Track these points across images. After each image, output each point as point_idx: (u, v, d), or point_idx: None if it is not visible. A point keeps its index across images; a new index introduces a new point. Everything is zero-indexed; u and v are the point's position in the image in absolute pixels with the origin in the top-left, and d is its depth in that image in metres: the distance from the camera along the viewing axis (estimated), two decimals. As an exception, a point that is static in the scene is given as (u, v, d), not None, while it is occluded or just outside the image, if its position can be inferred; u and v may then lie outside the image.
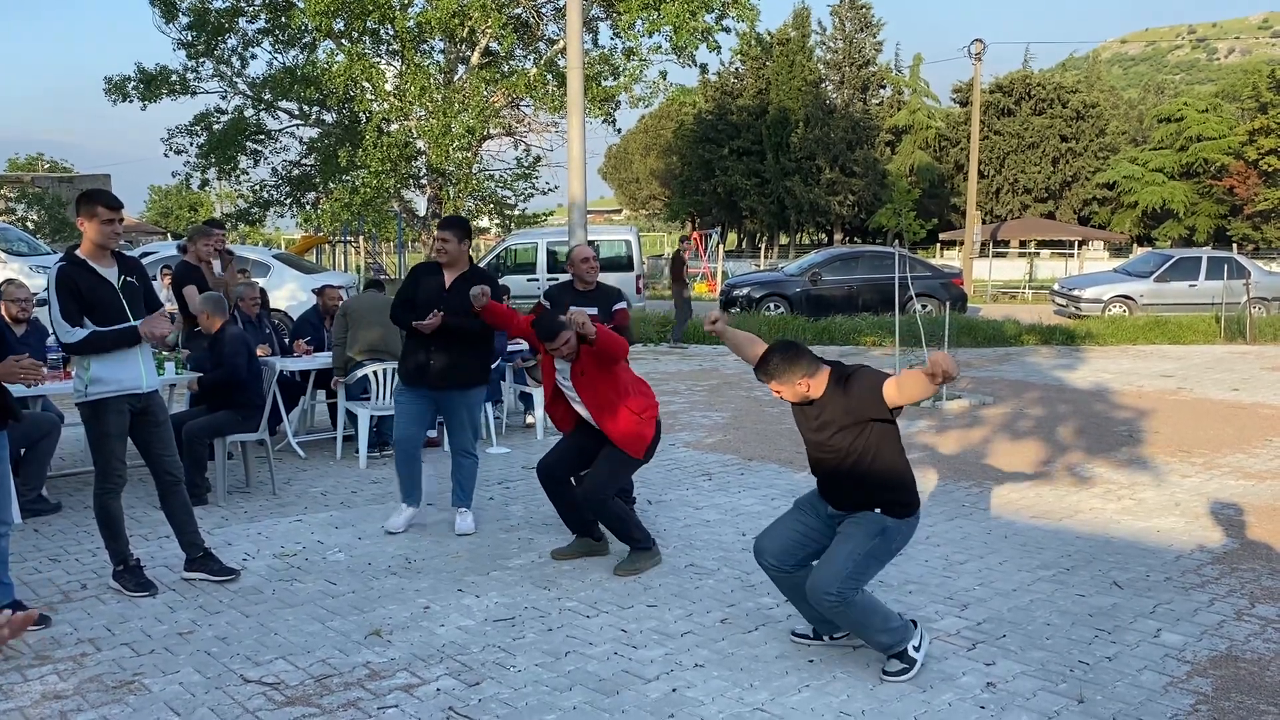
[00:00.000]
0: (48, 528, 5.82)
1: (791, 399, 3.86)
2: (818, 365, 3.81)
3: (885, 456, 3.80)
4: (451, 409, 5.70)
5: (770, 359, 3.82)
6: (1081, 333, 16.13)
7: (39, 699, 3.70)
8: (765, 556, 4.05)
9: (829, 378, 3.80)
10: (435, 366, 5.57)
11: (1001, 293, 29.91)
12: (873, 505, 3.82)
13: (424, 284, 5.63)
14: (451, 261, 5.61)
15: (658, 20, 22.60)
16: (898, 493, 3.83)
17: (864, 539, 3.78)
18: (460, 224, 5.69)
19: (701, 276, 29.92)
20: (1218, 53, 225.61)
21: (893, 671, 3.85)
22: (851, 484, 3.83)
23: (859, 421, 3.76)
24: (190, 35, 24.29)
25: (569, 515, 5.32)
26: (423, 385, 5.62)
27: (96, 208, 4.50)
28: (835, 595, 3.70)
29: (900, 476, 3.84)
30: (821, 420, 3.82)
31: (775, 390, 3.84)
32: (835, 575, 3.72)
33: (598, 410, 5.02)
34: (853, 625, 3.83)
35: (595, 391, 5.01)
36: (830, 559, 3.78)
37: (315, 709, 3.63)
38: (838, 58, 49.80)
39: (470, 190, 24.47)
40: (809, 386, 3.79)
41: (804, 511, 4.05)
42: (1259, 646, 4.18)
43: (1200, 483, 6.94)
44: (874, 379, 3.72)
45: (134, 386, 4.64)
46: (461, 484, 5.80)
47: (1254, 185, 43.62)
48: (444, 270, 5.64)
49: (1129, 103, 64.52)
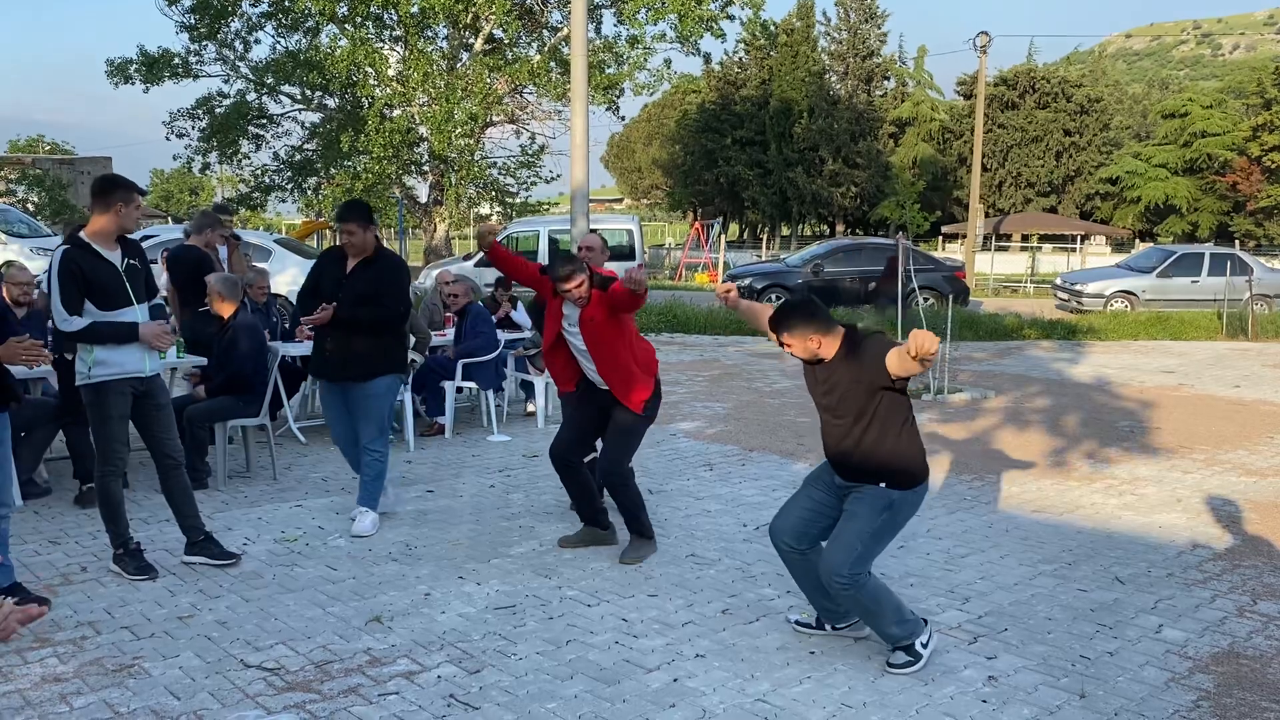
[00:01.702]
0: (47, 510, 5.82)
1: (801, 355, 3.80)
2: (833, 326, 3.76)
3: (895, 427, 3.76)
4: (353, 401, 5.50)
5: (786, 311, 3.78)
6: (1083, 328, 16.11)
7: (39, 682, 3.69)
8: (780, 536, 4.02)
9: (842, 341, 3.76)
10: (333, 358, 5.40)
11: (1003, 286, 29.89)
12: (880, 479, 3.78)
13: (326, 273, 5.45)
14: (359, 250, 5.39)
15: (663, 8, 22.49)
16: (907, 465, 3.79)
17: (871, 516, 3.76)
18: (361, 211, 5.43)
19: (703, 267, 29.88)
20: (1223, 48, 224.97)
21: (897, 664, 3.85)
22: (861, 455, 3.78)
23: (869, 389, 3.71)
24: (193, 18, 24.20)
25: (581, 503, 5.30)
26: (324, 377, 5.51)
27: (135, 195, 4.55)
28: (846, 577, 3.70)
29: (910, 449, 3.80)
30: (831, 383, 3.78)
31: (786, 343, 3.78)
32: (845, 558, 3.71)
33: (601, 360, 4.93)
34: (864, 612, 3.82)
35: (600, 340, 4.92)
36: (839, 540, 3.77)
37: (316, 695, 3.62)
38: (842, 49, 49.66)
39: (472, 177, 24.41)
40: (820, 344, 3.74)
41: (814, 486, 4.02)
42: (1261, 643, 4.17)
43: (1202, 479, 6.94)
44: (882, 347, 3.67)
45: (136, 370, 4.63)
46: (363, 481, 5.57)
47: (1257, 181, 43.54)
48: (348, 258, 5.44)
49: (1133, 97, 64.43)
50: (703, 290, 24.58)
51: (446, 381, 8.01)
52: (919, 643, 3.88)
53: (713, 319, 16.00)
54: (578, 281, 4.85)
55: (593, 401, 5.14)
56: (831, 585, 3.75)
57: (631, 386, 4.97)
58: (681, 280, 29.25)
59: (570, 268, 4.86)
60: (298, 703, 3.56)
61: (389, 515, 5.83)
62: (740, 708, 3.56)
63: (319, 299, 5.39)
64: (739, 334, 15.55)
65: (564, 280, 4.85)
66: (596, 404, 5.12)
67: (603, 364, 4.96)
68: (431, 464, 7.14)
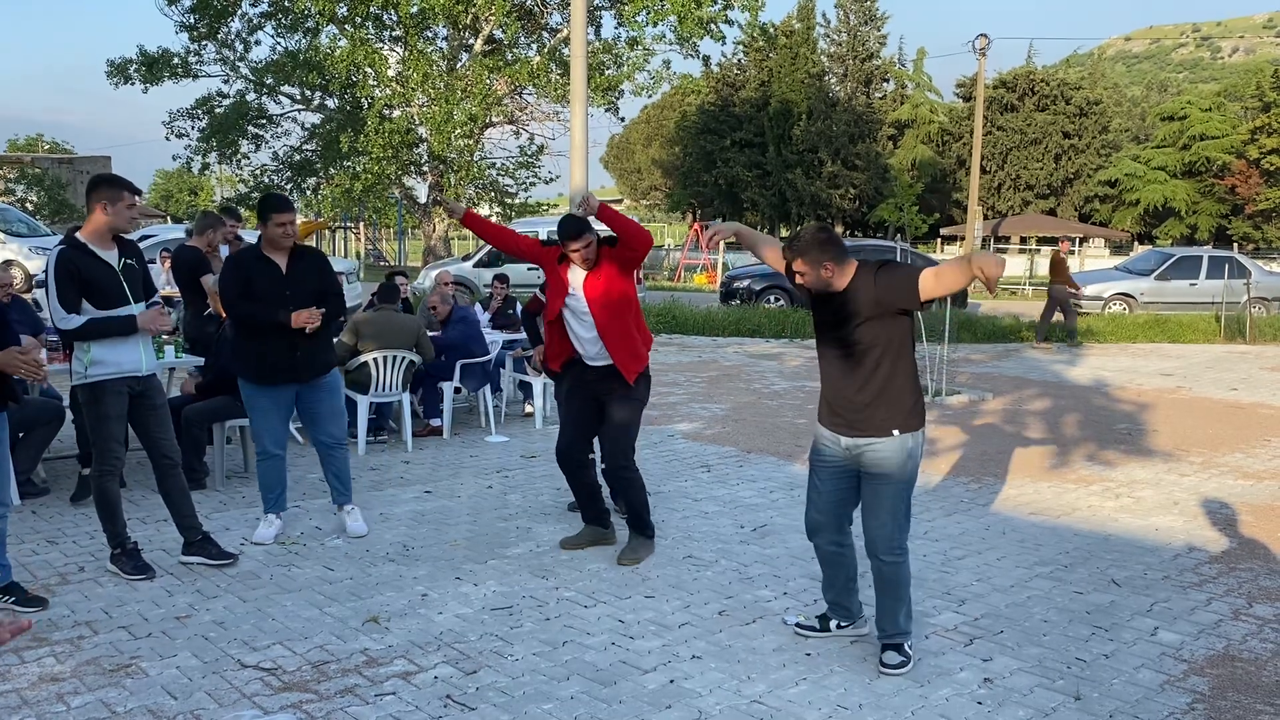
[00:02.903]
0: (45, 510, 5.82)
1: (813, 282, 3.75)
2: (847, 257, 3.73)
3: (906, 356, 3.75)
4: (318, 399, 5.31)
5: (802, 234, 3.76)
6: (1081, 330, 16.12)
7: (36, 681, 3.69)
8: (824, 538, 4.02)
9: (856, 272, 3.72)
10: (303, 358, 5.17)
11: (1002, 289, 29.89)
12: (892, 424, 3.74)
13: (257, 273, 5.10)
14: (288, 244, 5.13)
15: (662, 10, 22.50)
16: (918, 398, 3.79)
17: (899, 490, 3.79)
18: (288, 203, 5.20)
19: (702, 268, 29.88)
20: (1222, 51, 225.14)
21: (892, 664, 3.86)
22: (873, 390, 3.73)
23: (886, 314, 3.67)
24: (193, 18, 24.20)
25: (587, 503, 5.30)
26: (292, 381, 5.21)
27: (123, 192, 4.53)
28: (900, 548, 3.82)
29: (916, 381, 3.81)
30: (846, 311, 3.72)
31: (798, 269, 3.74)
32: (892, 530, 3.79)
33: (604, 326, 4.90)
34: (896, 588, 3.86)
35: (605, 304, 4.89)
36: (877, 515, 3.81)
37: (312, 695, 3.63)
38: (841, 51, 49.69)
39: (471, 178, 24.42)
40: (833, 273, 3.70)
41: (822, 475, 3.97)
42: (1256, 646, 4.18)
43: (1199, 482, 6.95)
44: (911, 270, 3.64)
45: (133, 369, 4.63)
46: (340, 477, 5.45)
47: (1256, 184, 43.59)
48: (270, 255, 5.13)
49: (1132, 100, 64.50)
50: (701, 291, 24.58)
51: (445, 383, 8.02)
52: (908, 644, 3.92)
53: (711, 320, 16.01)
54: (586, 241, 4.83)
55: (584, 390, 5.11)
56: (884, 562, 3.82)
57: (630, 357, 4.96)
58: (680, 281, 29.25)
59: (580, 226, 4.86)
60: (294, 703, 3.57)
61: (386, 516, 5.83)
62: (736, 709, 3.57)
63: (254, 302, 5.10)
64: (738, 335, 15.57)
65: (573, 239, 4.83)
66: (589, 393, 5.10)
67: (606, 331, 4.90)
68: (429, 465, 7.14)
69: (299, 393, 5.29)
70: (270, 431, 5.27)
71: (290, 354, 5.14)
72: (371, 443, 7.63)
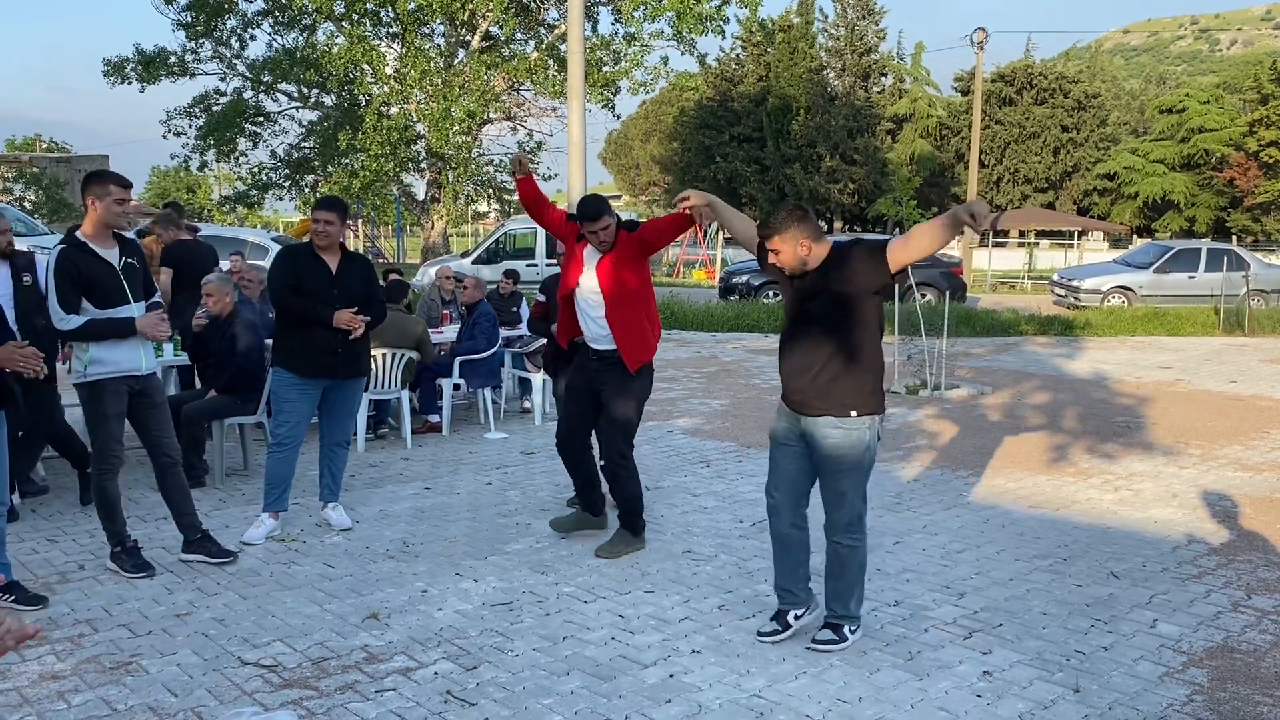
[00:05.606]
0: (45, 508, 5.82)
1: (789, 262, 3.77)
2: (822, 235, 3.75)
3: (875, 336, 3.77)
4: (343, 397, 5.46)
5: (778, 213, 3.77)
6: (1080, 323, 16.13)
7: (37, 679, 3.70)
8: (781, 517, 4.03)
9: (830, 251, 3.77)
10: (343, 356, 5.32)
11: (1001, 282, 29.90)
12: (852, 404, 3.76)
13: (307, 271, 5.27)
14: (330, 244, 5.31)
15: (660, 6, 22.47)
16: (877, 383, 3.80)
17: (857, 471, 3.84)
18: (341, 204, 5.43)
19: (700, 264, 29.87)
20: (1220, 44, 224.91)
21: (823, 640, 3.94)
22: (833, 371, 3.75)
23: (860, 293, 3.70)
24: (189, 16, 24.16)
25: (584, 493, 5.32)
26: (334, 376, 5.35)
27: (110, 186, 4.52)
28: (859, 531, 3.86)
29: (881, 362, 3.83)
30: (818, 289, 3.76)
31: (774, 249, 3.76)
32: (850, 513, 3.84)
33: (614, 310, 4.89)
34: (852, 570, 3.90)
35: (615, 287, 4.89)
36: (836, 504, 3.86)
37: (313, 691, 3.63)
38: (839, 45, 49.60)
39: (469, 174, 24.40)
40: (809, 250, 3.72)
41: (782, 449, 4.00)
42: (1255, 638, 4.19)
43: (1198, 474, 6.95)
44: (874, 244, 3.69)
45: (133, 368, 4.64)
46: (336, 476, 5.56)
47: (1254, 177, 43.53)
48: (322, 255, 5.30)
49: (1130, 93, 64.38)
50: (700, 287, 24.58)
51: (444, 380, 8.02)
52: (850, 629, 3.98)
53: (710, 315, 16.01)
54: (605, 223, 4.85)
55: (584, 379, 5.11)
56: (842, 544, 3.86)
57: (635, 345, 4.95)
58: (679, 277, 29.25)
59: (599, 208, 4.87)
60: (295, 699, 3.57)
61: (386, 513, 5.84)
62: (736, 703, 3.57)
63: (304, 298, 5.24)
64: (737, 330, 15.57)
65: (592, 220, 4.84)
66: (588, 383, 5.10)
67: (613, 314, 4.90)
68: (429, 461, 7.15)
69: (327, 389, 5.42)
70: (292, 423, 5.36)
71: (332, 351, 5.30)
72: (371, 439, 7.63)
